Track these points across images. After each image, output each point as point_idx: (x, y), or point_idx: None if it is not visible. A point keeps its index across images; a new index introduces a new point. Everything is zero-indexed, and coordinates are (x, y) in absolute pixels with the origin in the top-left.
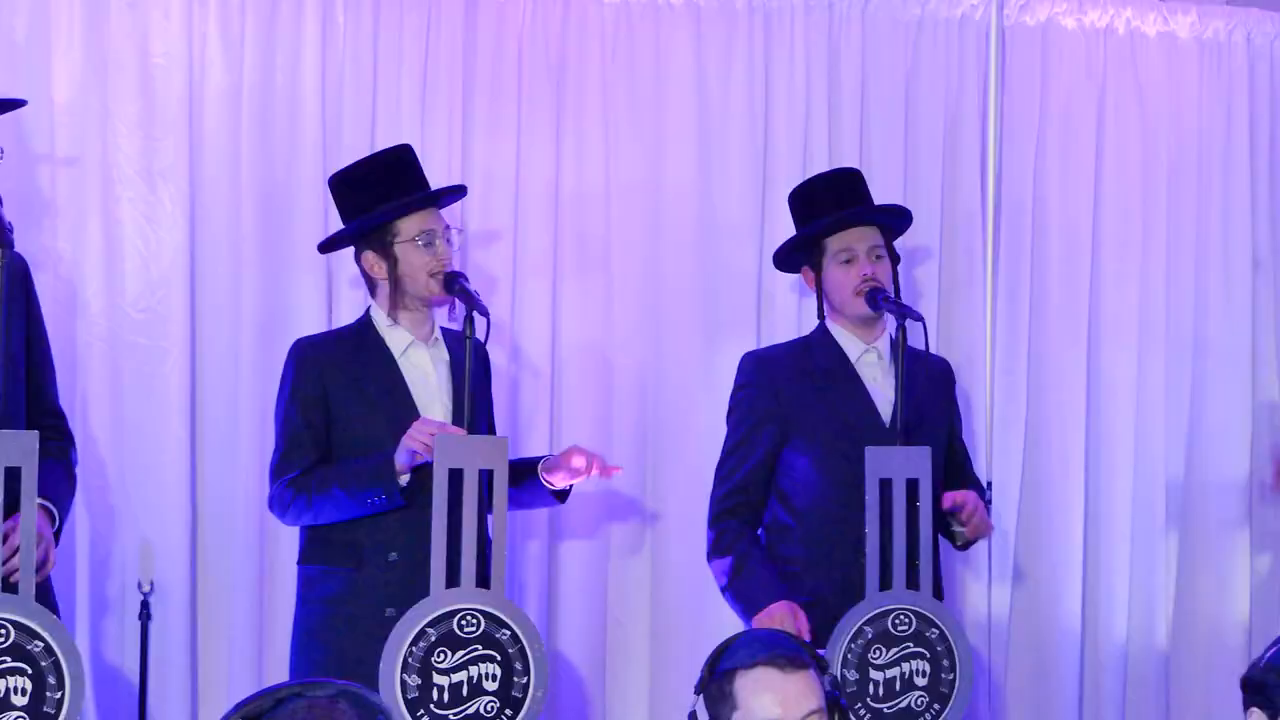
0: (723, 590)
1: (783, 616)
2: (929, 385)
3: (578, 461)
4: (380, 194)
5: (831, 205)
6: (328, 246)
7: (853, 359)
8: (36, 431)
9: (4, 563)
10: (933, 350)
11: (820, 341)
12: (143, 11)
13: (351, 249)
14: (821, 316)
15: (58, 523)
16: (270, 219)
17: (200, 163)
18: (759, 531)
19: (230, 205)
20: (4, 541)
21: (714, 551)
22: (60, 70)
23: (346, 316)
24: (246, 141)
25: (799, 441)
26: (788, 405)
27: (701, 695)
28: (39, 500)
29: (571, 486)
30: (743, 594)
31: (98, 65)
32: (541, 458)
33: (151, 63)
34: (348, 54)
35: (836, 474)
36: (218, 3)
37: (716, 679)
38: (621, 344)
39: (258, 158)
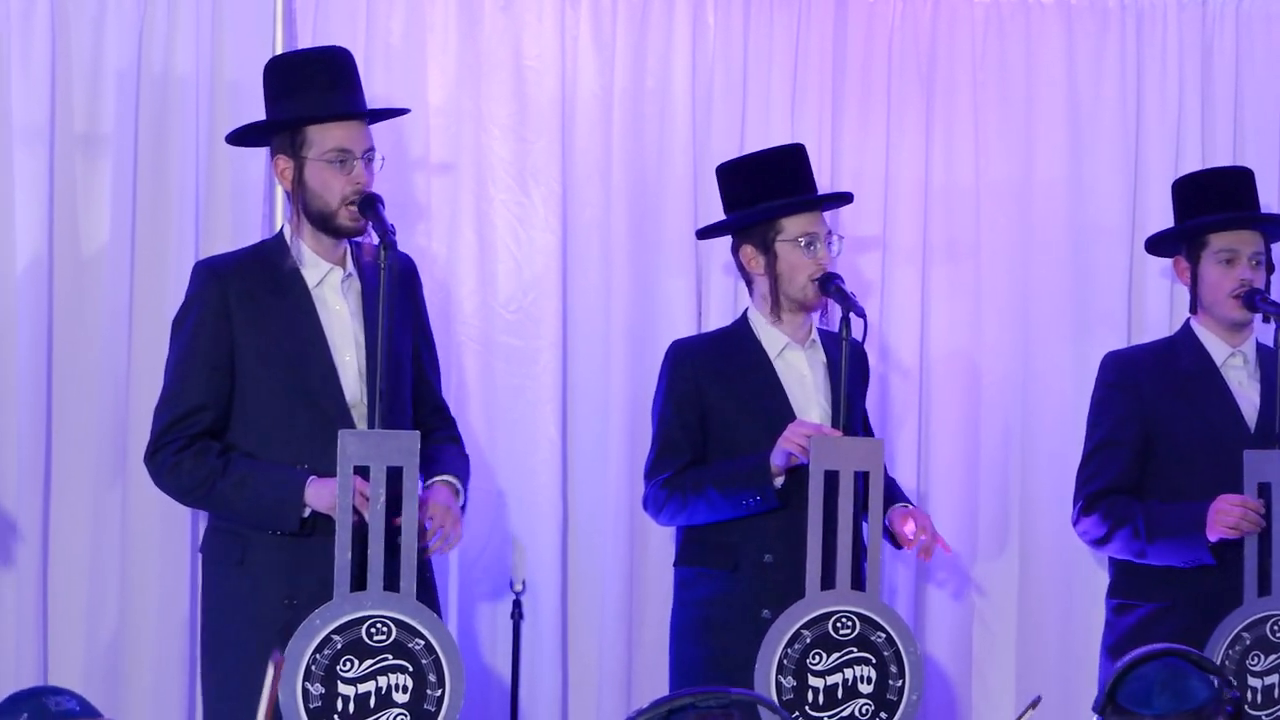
0: (1138, 556)
1: (1228, 508)
2: None
3: (908, 528)
4: (766, 189)
5: (1219, 201)
6: (707, 234)
7: (1218, 362)
8: (418, 432)
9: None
10: None
11: (1185, 343)
12: (516, 14)
13: (726, 243)
14: (1194, 310)
15: (463, 497)
16: (640, 221)
17: (572, 165)
18: None
19: (601, 207)
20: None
21: (1110, 527)
22: (435, 73)
23: (716, 318)
24: (617, 143)
25: (1161, 444)
26: (1150, 407)
27: (1100, 717)
28: (445, 477)
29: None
30: (1170, 532)
31: (471, 68)
32: (896, 504)
33: (524, 65)
34: (718, 55)
35: (1199, 478)
36: (589, 5)
37: (1119, 712)
38: (990, 343)
39: (628, 159)
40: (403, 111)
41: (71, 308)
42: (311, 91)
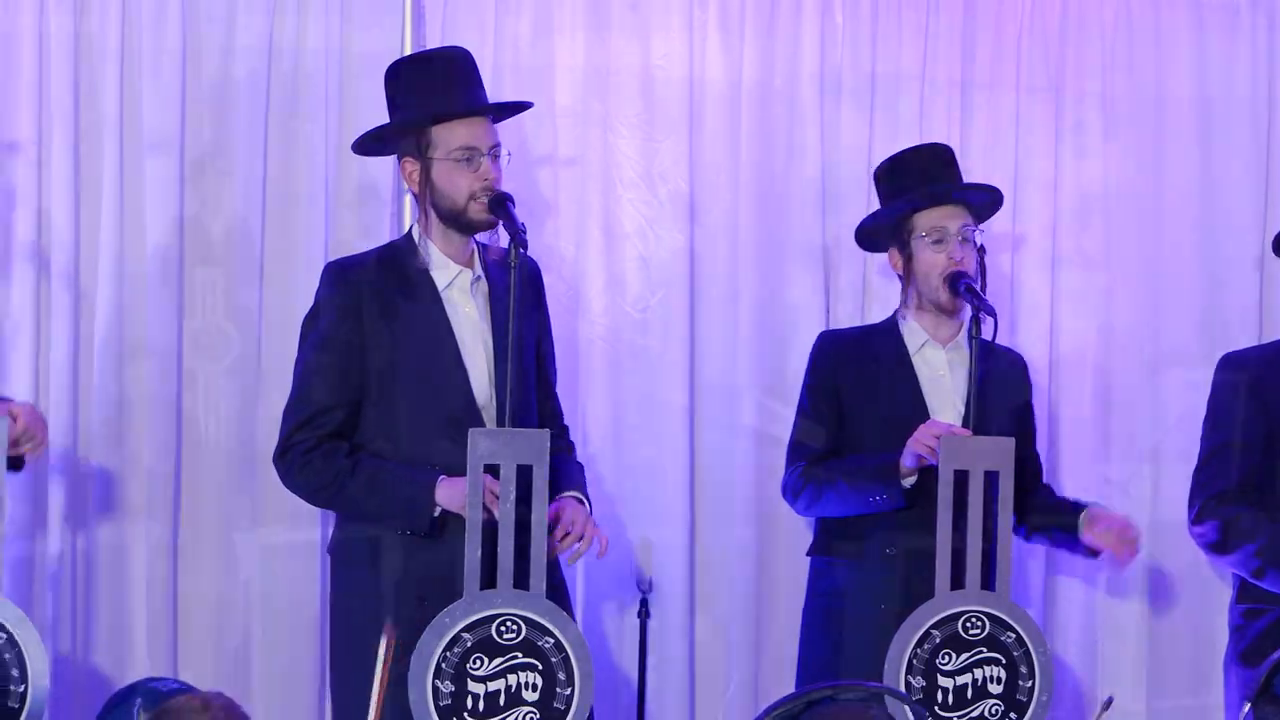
0: (1254, 575)
1: None
2: None
3: (1103, 539)
4: (902, 187)
5: None
6: (867, 246)
7: None
8: (548, 430)
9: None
10: None
11: None
12: (644, 15)
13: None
14: None
15: (588, 508)
16: (768, 219)
17: (699, 164)
18: None
19: (728, 206)
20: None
21: (1230, 538)
22: (563, 74)
23: (844, 318)
24: (745, 142)
25: None
26: (1273, 408)
27: (1252, 707)
28: (573, 494)
29: None
30: None
31: (599, 67)
32: (1082, 508)
33: (652, 65)
34: (846, 55)
35: None
36: (718, 5)
37: (1274, 701)
38: (1121, 344)
39: (756, 158)
40: (526, 105)
41: (201, 309)
42: (434, 92)
